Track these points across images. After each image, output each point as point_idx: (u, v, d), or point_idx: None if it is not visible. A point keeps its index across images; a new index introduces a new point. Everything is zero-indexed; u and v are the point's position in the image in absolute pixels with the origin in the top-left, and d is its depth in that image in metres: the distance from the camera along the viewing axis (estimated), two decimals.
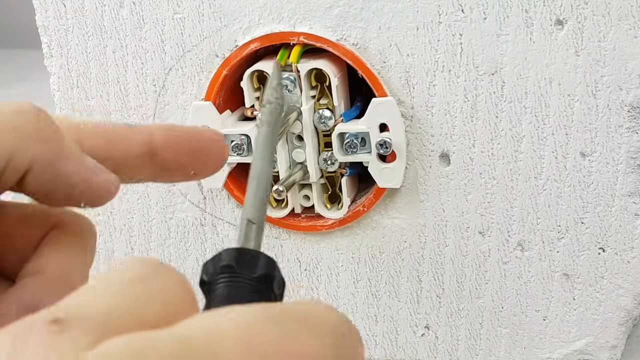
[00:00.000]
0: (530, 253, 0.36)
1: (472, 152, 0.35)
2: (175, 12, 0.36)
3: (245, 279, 0.22)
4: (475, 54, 0.34)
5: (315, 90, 0.36)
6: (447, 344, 0.39)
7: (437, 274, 0.38)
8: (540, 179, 0.35)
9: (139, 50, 0.37)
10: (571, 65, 0.33)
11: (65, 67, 0.38)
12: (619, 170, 0.34)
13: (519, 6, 0.32)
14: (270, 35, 0.35)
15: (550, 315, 0.37)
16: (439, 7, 0.33)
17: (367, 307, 0.40)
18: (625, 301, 0.36)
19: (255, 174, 0.26)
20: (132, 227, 0.41)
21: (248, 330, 0.15)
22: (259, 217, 0.26)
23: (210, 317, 0.15)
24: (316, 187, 0.38)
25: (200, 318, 0.15)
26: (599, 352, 0.37)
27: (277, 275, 0.23)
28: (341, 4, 0.34)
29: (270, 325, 0.16)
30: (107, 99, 0.39)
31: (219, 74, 0.36)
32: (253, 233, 0.25)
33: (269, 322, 0.16)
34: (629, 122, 0.33)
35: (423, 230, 0.37)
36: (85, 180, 0.23)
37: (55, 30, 0.38)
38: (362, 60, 0.35)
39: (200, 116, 0.36)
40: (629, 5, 0.31)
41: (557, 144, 0.34)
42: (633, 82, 0.32)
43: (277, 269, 0.23)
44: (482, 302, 0.38)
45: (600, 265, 0.36)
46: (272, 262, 0.23)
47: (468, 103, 0.34)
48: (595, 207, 0.35)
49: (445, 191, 0.36)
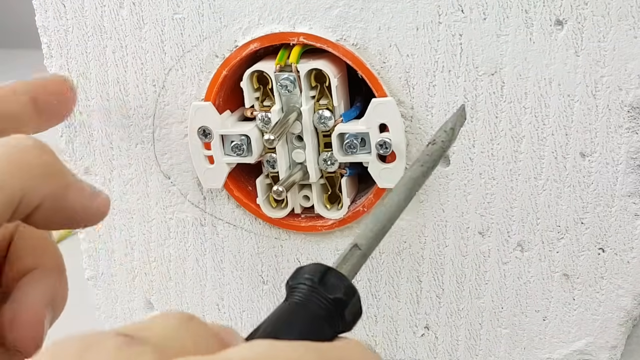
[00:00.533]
0: (530, 253, 0.36)
1: (471, 152, 0.35)
2: (175, 13, 0.36)
3: (321, 297, 0.23)
4: (475, 54, 0.34)
5: (315, 91, 0.36)
6: (447, 344, 0.39)
7: (437, 274, 0.38)
8: (540, 179, 0.35)
9: (139, 50, 0.37)
10: (571, 66, 0.33)
11: (65, 67, 0.38)
12: (619, 171, 0.34)
13: (519, 6, 0.32)
14: (270, 35, 0.35)
15: (550, 315, 0.37)
16: (439, 7, 0.33)
17: (367, 307, 0.40)
18: (625, 301, 0.36)
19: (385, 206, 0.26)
20: (132, 227, 0.41)
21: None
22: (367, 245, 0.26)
23: (248, 348, 0.18)
24: (316, 187, 0.38)
25: (240, 349, 0.18)
26: (598, 352, 0.37)
27: (352, 303, 0.24)
28: (341, 5, 0.34)
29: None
30: (107, 99, 0.39)
31: (219, 74, 0.36)
32: (353, 258, 0.25)
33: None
34: (628, 122, 0.33)
35: (423, 230, 0.37)
36: (86, 206, 0.25)
37: (55, 31, 0.38)
38: (361, 61, 0.35)
39: (200, 116, 0.36)
40: (628, 6, 0.31)
41: (556, 144, 0.34)
42: (633, 82, 0.32)
43: (355, 297, 0.24)
44: (481, 302, 0.38)
45: (600, 265, 0.36)
46: (352, 290, 0.24)
47: (468, 103, 0.34)
48: (595, 208, 0.35)
49: (445, 191, 0.36)
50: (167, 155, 0.39)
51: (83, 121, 0.39)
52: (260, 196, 0.38)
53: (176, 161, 0.39)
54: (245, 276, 0.41)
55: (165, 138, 0.39)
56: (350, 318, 0.23)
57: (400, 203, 0.26)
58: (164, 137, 0.39)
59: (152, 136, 0.39)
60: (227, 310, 0.42)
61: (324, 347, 0.19)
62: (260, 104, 0.37)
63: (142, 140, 0.39)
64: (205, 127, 0.37)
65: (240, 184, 0.39)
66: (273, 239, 0.40)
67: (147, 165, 0.39)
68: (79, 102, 0.39)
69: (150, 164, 0.39)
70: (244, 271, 0.41)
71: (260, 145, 0.37)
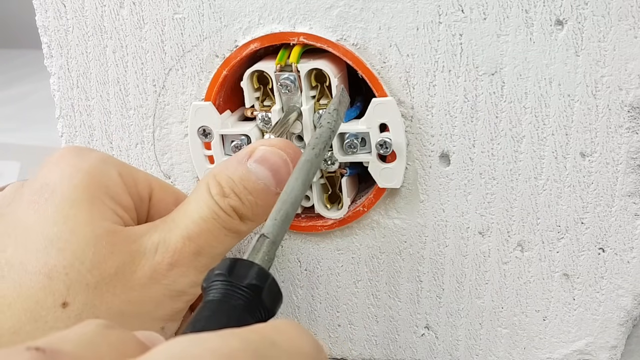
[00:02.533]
0: (530, 253, 0.36)
1: (472, 152, 0.35)
2: (175, 13, 0.36)
3: (235, 288, 0.23)
4: (475, 54, 0.34)
5: (315, 91, 0.36)
6: (447, 344, 0.39)
7: (437, 274, 0.38)
8: (540, 179, 0.35)
9: (139, 50, 0.37)
10: (571, 66, 0.33)
11: (65, 68, 0.38)
12: (619, 171, 0.34)
13: (519, 6, 0.32)
14: (270, 35, 0.35)
15: (550, 315, 0.37)
16: (439, 7, 0.33)
17: (367, 307, 0.40)
18: (625, 301, 0.36)
19: (285, 192, 0.28)
20: None
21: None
22: (274, 233, 0.26)
23: (167, 346, 0.17)
24: (316, 187, 0.38)
25: (160, 349, 0.17)
26: (598, 352, 0.37)
27: (267, 286, 0.24)
28: (341, 4, 0.34)
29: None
30: (107, 99, 0.39)
31: (219, 74, 0.36)
32: (264, 247, 0.26)
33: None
34: (628, 122, 0.33)
35: (423, 230, 0.37)
36: None
37: (55, 31, 0.38)
38: (362, 61, 0.35)
39: (200, 116, 0.36)
40: (628, 6, 0.31)
41: (557, 144, 0.34)
42: (633, 82, 0.32)
43: (269, 280, 0.24)
44: (481, 302, 0.38)
45: (600, 265, 0.36)
46: (264, 274, 0.24)
47: (468, 103, 0.34)
48: (595, 208, 0.35)
49: (445, 191, 0.36)
50: (167, 155, 0.39)
51: (83, 121, 0.39)
52: None
53: (176, 161, 0.39)
54: None
55: (165, 138, 0.39)
56: (270, 302, 0.24)
57: (299, 187, 0.28)
58: (164, 137, 0.39)
59: (152, 136, 0.39)
60: None
61: (247, 330, 0.19)
62: (261, 104, 0.37)
63: (142, 140, 0.39)
64: (205, 127, 0.37)
65: None
66: None
67: (147, 165, 0.39)
68: (79, 102, 0.39)
69: (150, 164, 0.39)
70: None
71: None
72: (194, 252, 0.30)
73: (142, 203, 0.32)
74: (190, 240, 0.30)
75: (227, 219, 0.30)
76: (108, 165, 0.31)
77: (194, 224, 0.30)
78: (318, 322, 0.41)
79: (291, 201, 0.27)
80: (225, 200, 0.30)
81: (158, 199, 0.33)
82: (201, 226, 0.30)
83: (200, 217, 0.30)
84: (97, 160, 0.31)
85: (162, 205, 0.33)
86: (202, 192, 0.31)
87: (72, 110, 0.39)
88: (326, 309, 0.40)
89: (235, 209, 0.30)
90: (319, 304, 0.40)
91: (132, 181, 0.32)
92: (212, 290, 0.23)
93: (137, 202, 0.32)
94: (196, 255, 0.30)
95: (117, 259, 0.28)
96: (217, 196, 0.30)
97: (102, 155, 0.32)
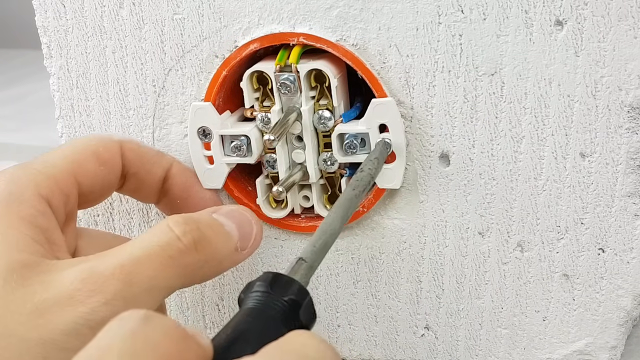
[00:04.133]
0: (529, 254, 0.36)
1: (471, 152, 0.35)
2: (175, 13, 0.36)
3: (275, 300, 0.25)
4: (475, 54, 0.34)
5: (314, 91, 0.36)
6: (447, 345, 0.39)
7: (437, 275, 0.38)
8: (539, 179, 0.35)
9: (139, 50, 0.37)
10: (571, 66, 0.33)
11: (65, 68, 0.38)
12: (619, 171, 0.34)
13: (519, 7, 0.32)
14: (269, 35, 0.35)
15: (549, 315, 0.37)
16: (439, 7, 0.33)
17: (367, 308, 0.40)
18: (625, 302, 0.36)
19: (325, 223, 0.30)
20: (132, 227, 0.41)
21: None
22: (312, 258, 0.28)
23: None
24: (316, 187, 0.38)
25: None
26: (598, 352, 0.37)
27: (305, 304, 0.25)
28: (341, 5, 0.34)
29: None
30: (107, 99, 0.39)
31: (219, 74, 0.36)
32: (302, 270, 0.28)
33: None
34: (628, 122, 0.33)
35: (423, 230, 0.37)
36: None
37: (55, 31, 0.38)
38: (361, 61, 0.35)
39: (200, 117, 0.36)
40: (628, 6, 0.31)
41: (556, 144, 0.34)
42: (633, 82, 0.32)
43: (307, 299, 0.26)
44: (481, 302, 0.38)
45: (600, 265, 0.36)
46: (304, 292, 0.26)
47: (468, 104, 0.34)
48: (595, 208, 0.35)
49: (445, 192, 0.36)
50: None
51: (83, 121, 0.39)
52: (260, 196, 0.38)
53: None
54: (245, 276, 0.41)
55: (165, 138, 0.39)
56: (306, 320, 0.25)
57: (338, 220, 0.30)
58: (164, 137, 0.39)
59: (152, 136, 0.39)
60: (227, 310, 0.42)
61: (276, 346, 0.21)
62: (260, 104, 0.37)
63: (142, 140, 0.39)
64: (205, 128, 0.37)
65: (240, 185, 0.39)
66: (273, 239, 0.40)
67: None
68: (79, 103, 0.39)
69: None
70: (243, 271, 0.41)
71: (260, 145, 0.37)
72: (124, 281, 0.27)
73: (107, 187, 0.34)
74: (123, 269, 0.27)
75: (176, 245, 0.28)
76: (20, 186, 0.29)
77: (133, 252, 0.28)
78: (318, 323, 0.41)
79: (330, 232, 0.29)
80: (182, 227, 0.29)
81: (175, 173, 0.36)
82: (140, 254, 0.27)
83: (146, 244, 0.28)
84: (6, 183, 0.29)
85: (180, 181, 0.36)
86: (159, 224, 0.29)
87: (72, 111, 0.39)
88: (326, 309, 0.40)
89: (190, 235, 0.29)
90: (319, 304, 0.40)
91: (60, 187, 0.30)
92: (253, 299, 0.25)
93: (93, 193, 0.33)
94: (127, 285, 0.27)
95: (27, 290, 0.26)
96: (175, 225, 0.29)
97: (13, 174, 0.29)
